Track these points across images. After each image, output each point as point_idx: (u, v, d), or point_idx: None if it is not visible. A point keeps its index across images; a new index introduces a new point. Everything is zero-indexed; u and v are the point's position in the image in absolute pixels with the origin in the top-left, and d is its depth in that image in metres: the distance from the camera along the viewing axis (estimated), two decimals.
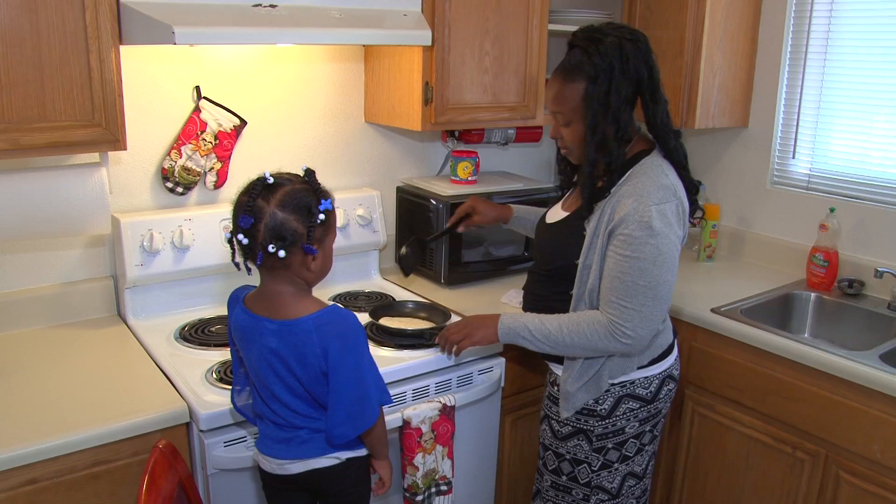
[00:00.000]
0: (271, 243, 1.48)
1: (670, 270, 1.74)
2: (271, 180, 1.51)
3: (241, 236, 1.49)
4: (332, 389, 1.54)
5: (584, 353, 1.83)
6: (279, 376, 1.56)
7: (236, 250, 1.54)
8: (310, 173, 1.58)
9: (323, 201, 1.54)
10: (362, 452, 1.68)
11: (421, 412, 1.95)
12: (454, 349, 2.01)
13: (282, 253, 1.49)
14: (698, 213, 1.91)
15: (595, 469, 1.91)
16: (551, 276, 1.94)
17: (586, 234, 1.81)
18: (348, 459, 1.64)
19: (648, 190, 1.72)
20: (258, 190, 1.50)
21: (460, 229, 2.32)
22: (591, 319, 1.78)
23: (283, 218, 1.49)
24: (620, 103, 1.73)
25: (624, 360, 1.85)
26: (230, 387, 1.81)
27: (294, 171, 1.58)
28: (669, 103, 1.82)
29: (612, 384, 1.86)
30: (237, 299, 1.64)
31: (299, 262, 1.54)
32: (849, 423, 2.03)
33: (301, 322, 1.53)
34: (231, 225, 1.54)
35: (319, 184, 1.57)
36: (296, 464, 1.61)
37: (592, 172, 1.79)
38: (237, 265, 1.57)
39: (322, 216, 1.53)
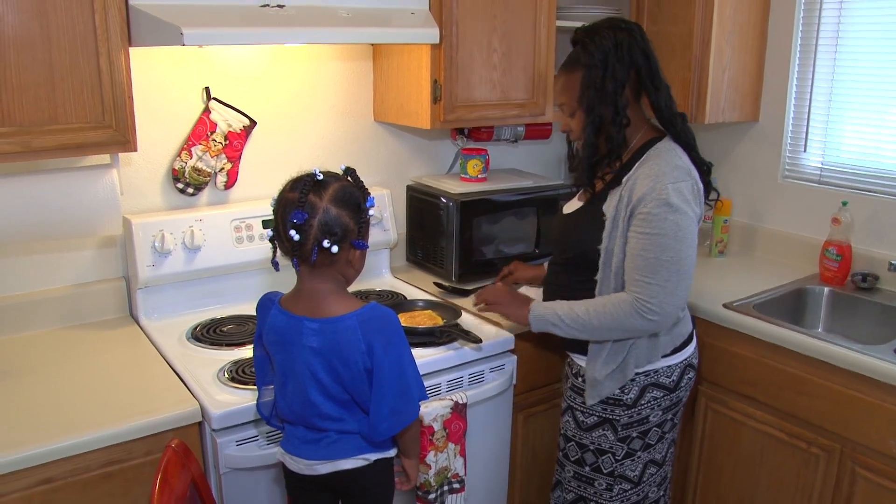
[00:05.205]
0: (325, 238, 1.48)
1: (691, 246, 1.79)
2: (321, 177, 1.51)
3: (292, 232, 1.48)
4: (377, 385, 1.54)
5: (612, 335, 1.86)
6: (316, 378, 1.55)
7: (286, 247, 1.52)
8: (351, 171, 1.59)
9: (369, 198, 1.57)
10: (391, 453, 1.67)
11: (433, 410, 1.94)
12: (483, 305, 2.11)
13: (335, 248, 1.49)
14: (713, 195, 1.96)
15: (619, 458, 1.94)
16: (571, 264, 1.98)
17: (606, 219, 1.85)
18: (376, 461, 1.64)
19: (664, 170, 1.79)
20: (309, 186, 1.49)
21: (498, 285, 2.32)
22: (618, 300, 1.82)
23: (337, 213, 1.50)
24: (617, 87, 1.81)
25: (650, 348, 1.88)
26: (242, 386, 1.82)
27: (307, 171, 1.57)
28: (672, 88, 1.90)
29: (638, 373, 1.90)
30: (271, 302, 1.63)
31: (345, 259, 1.55)
32: (864, 418, 2.02)
33: (345, 319, 1.53)
34: (276, 223, 1.53)
35: (362, 181, 1.59)
36: (324, 464, 1.61)
37: (592, 154, 1.87)
38: (275, 264, 1.57)
39: (371, 212, 1.56)
